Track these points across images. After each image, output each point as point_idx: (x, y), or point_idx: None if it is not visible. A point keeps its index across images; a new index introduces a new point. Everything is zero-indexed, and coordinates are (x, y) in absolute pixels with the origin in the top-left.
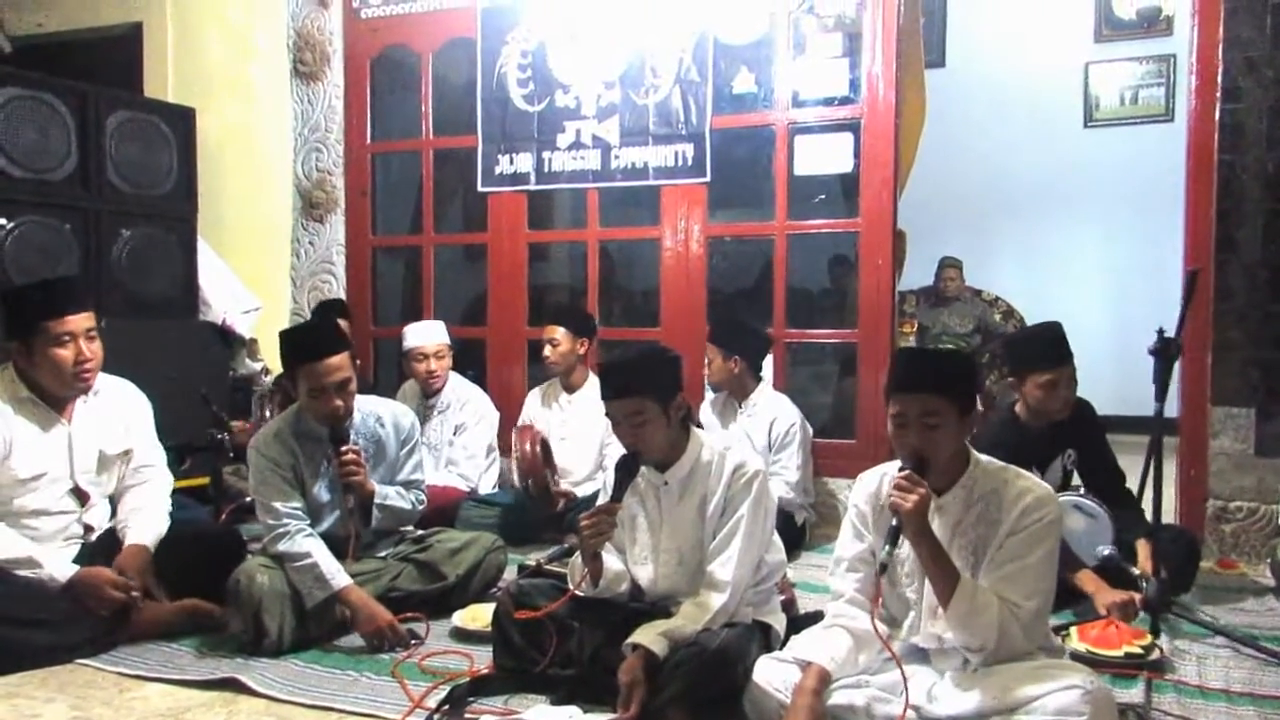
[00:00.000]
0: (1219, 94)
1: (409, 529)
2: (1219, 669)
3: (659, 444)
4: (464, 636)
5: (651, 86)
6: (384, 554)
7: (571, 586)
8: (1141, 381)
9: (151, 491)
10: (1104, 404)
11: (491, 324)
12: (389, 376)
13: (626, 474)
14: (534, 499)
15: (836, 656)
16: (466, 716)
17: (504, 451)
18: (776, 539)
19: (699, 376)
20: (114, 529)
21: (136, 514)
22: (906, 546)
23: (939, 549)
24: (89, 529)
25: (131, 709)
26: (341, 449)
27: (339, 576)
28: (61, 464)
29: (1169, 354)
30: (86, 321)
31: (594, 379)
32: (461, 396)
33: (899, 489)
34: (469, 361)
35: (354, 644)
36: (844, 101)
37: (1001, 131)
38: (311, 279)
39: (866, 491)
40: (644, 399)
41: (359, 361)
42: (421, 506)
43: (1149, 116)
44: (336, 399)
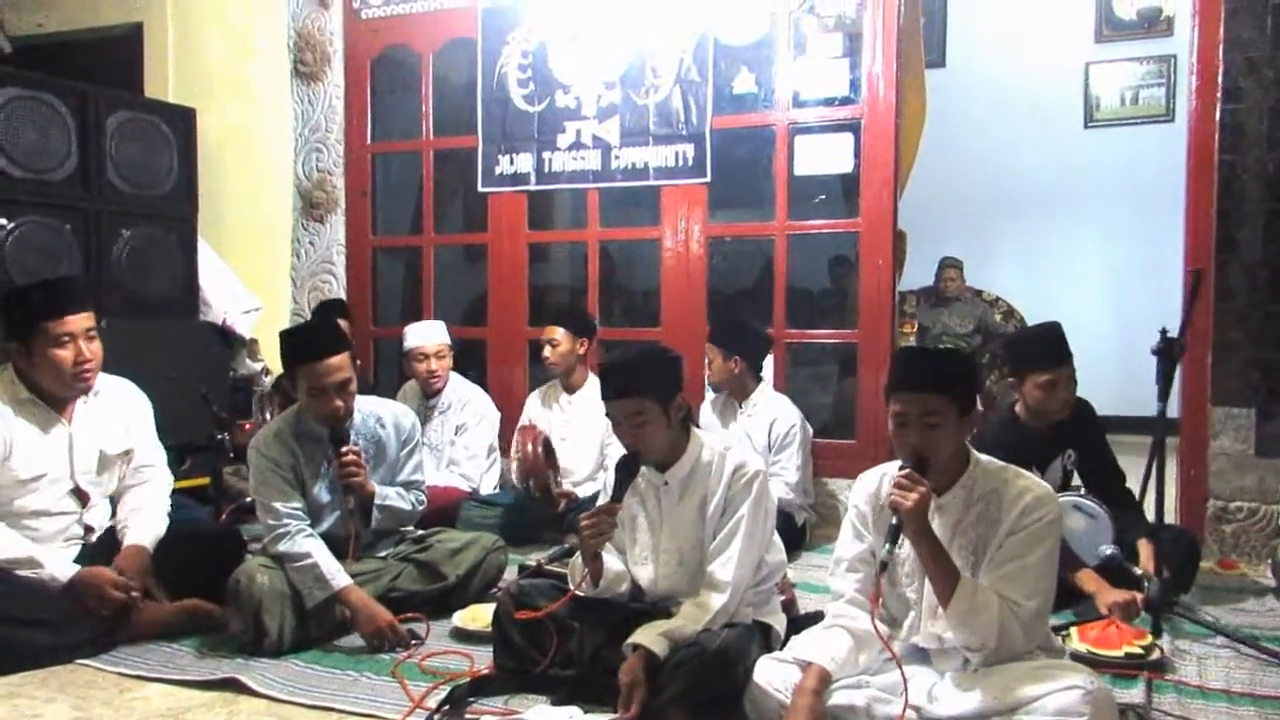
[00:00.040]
0: (1219, 94)
1: (409, 529)
2: (1219, 669)
3: (659, 444)
4: (464, 637)
5: (652, 87)
6: (384, 554)
7: (572, 587)
8: (1142, 382)
9: (151, 492)
10: (1104, 404)
11: (492, 324)
12: (389, 377)
13: (627, 474)
14: (535, 499)
15: (837, 657)
16: (467, 717)
17: (505, 452)
18: (777, 539)
19: (699, 377)
20: (114, 529)
21: (135, 514)
22: (907, 546)
23: (939, 548)
24: (89, 529)
25: (132, 709)
26: (342, 450)
27: (339, 577)
28: (62, 465)
29: (1172, 354)
30: (86, 322)
31: (594, 379)
32: (462, 397)
33: (899, 487)
34: (469, 362)
35: (354, 644)
36: (844, 102)
37: (1002, 132)
38: (312, 279)
39: (866, 492)
40: (644, 399)
41: (359, 362)
42: (422, 507)
43: (1149, 117)
44: (336, 399)
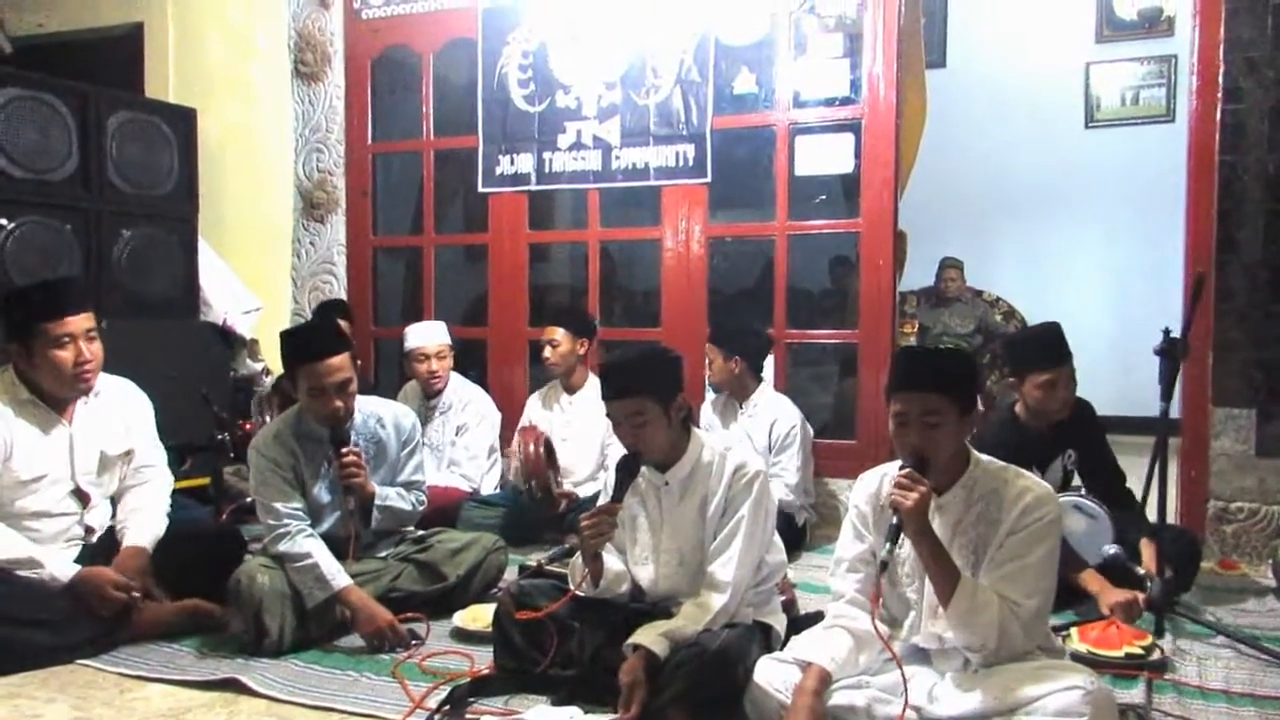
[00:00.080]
0: (1220, 95)
1: (410, 529)
2: (1220, 669)
3: (660, 444)
4: (464, 637)
5: (652, 87)
6: (384, 554)
7: (572, 587)
8: (1142, 382)
9: (151, 492)
10: (1104, 405)
11: (492, 325)
12: (390, 377)
13: (627, 474)
14: (537, 500)
15: (837, 657)
16: (467, 717)
17: (505, 452)
18: (777, 539)
19: (700, 377)
20: (114, 529)
21: (135, 515)
22: (907, 546)
23: (939, 548)
24: (90, 530)
25: (133, 709)
26: (342, 450)
27: (339, 577)
28: (62, 465)
29: (1175, 355)
30: (86, 322)
31: (594, 379)
32: (463, 397)
33: (900, 487)
34: (470, 362)
35: (354, 644)
36: (845, 102)
37: (1002, 132)
38: (312, 279)
39: (867, 492)
40: (645, 399)
41: (360, 362)
42: (422, 507)
43: (1150, 117)
44: (337, 399)
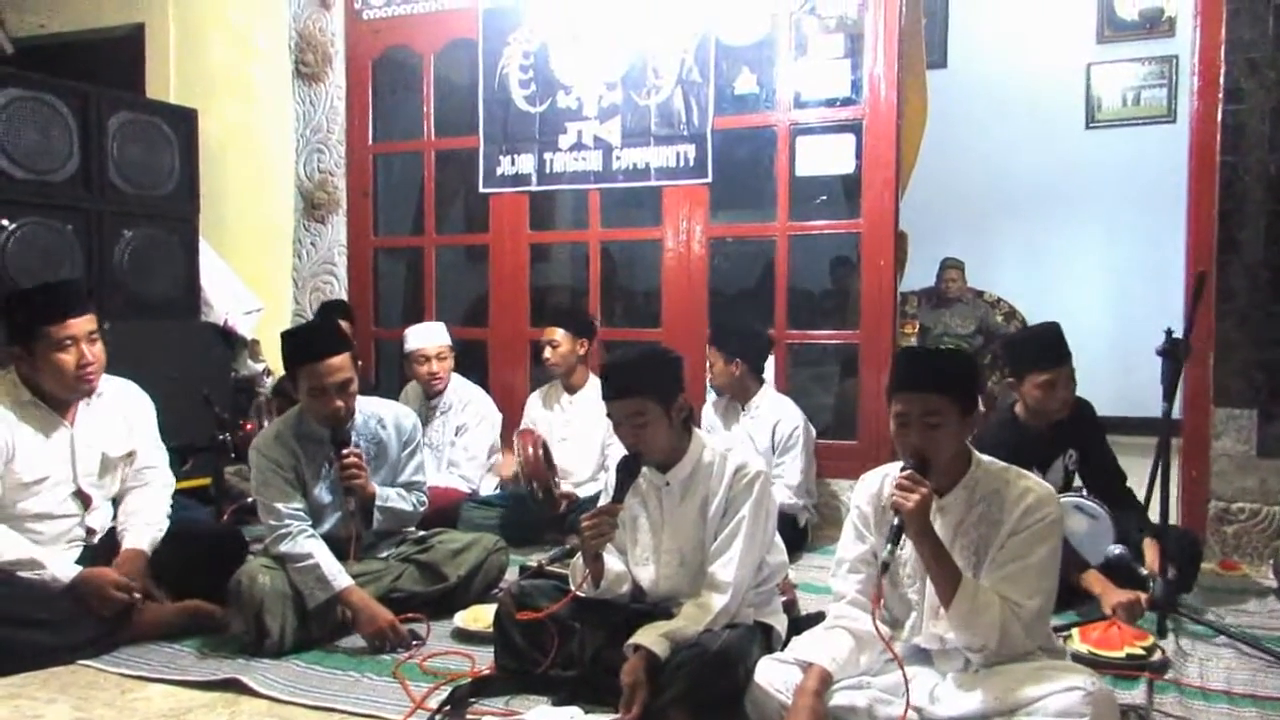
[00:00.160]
0: (1221, 95)
1: (410, 530)
2: (1221, 670)
3: (661, 445)
4: (465, 637)
5: (653, 87)
6: (385, 555)
7: (573, 587)
8: (1143, 383)
9: (151, 494)
10: (1105, 405)
11: (493, 325)
12: (391, 378)
13: (628, 475)
14: (539, 501)
15: (838, 657)
16: (468, 717)
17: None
18: (778, 540)
19: (701, 379)
20: (115, 531)
21: (135, 517)
22: (908, 547)
23: (941, 549)
24: (91, 531)
25: (134, 710)
26: (343, 451)
27: (340, 577)
28: (64, 467)
29: (1178, 355)
30: (88, 324)
31: (595, 380)
32: (463, 398)
33: (901, 488)
34: (470, 362)
35: (355, 645)
36: (846, 102)
37: (1003, 132)
38: (313, 280)
39: (868, 492)
40: (645, 400)
41: (360, 363)
42: (423, 508)
43: (1151, 117)
44: (337, 399)
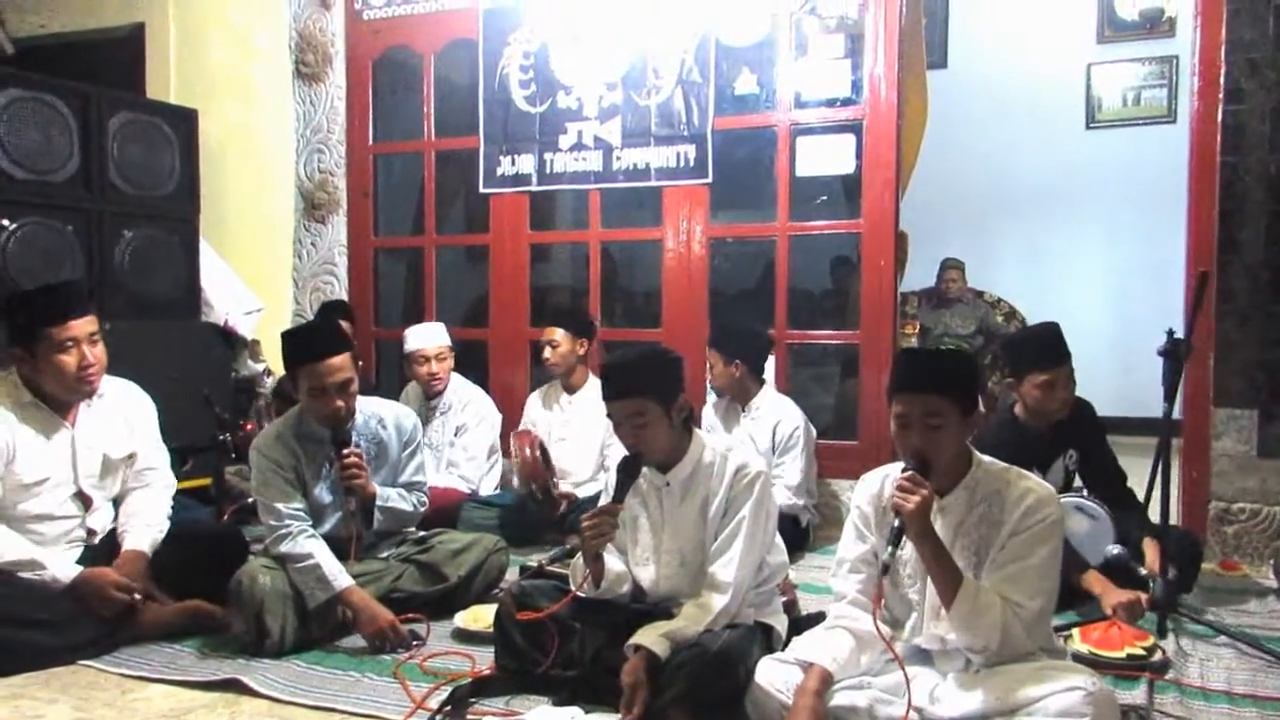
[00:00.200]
0: (1221, 95)
1: (411, 530)
2: (1221, 670)
3: (661, 445)
4: (466, 637)
5: (653, 87)
6: (386, 555)
7: (573, 587)
8: (1143, 383)
9: (152, 495)
10: (1105, 405)
11: (493, 325)
12: (391, 378)
13: (628, 475)
14: (539, 502)
15: (838, 657)
16: (468, 717)
17: (506, 453)
18: (778, 540)
19: (701, 379)
20: (115, 532)
21: (135, 518)
22: (909, 547)
23: (942, 550)
24: (92, 532)
25: (134, 710)
26: (343, 451)
27: (341, 577)
28: (65, 469)
29: (1179, 355)
30: (89, 326)
31: (594, 380)
32: (463, 398)
33: (902, 490)
34: (471, 363)
35: (356, 645)
36: (846, 103)
37: (1003, 133)
38: (313, 280)
39: (869, 493)
40: (646, 400)
41: (361, 363)
42: (423, 508)
43: (1151, 118)
44: (337, 399)
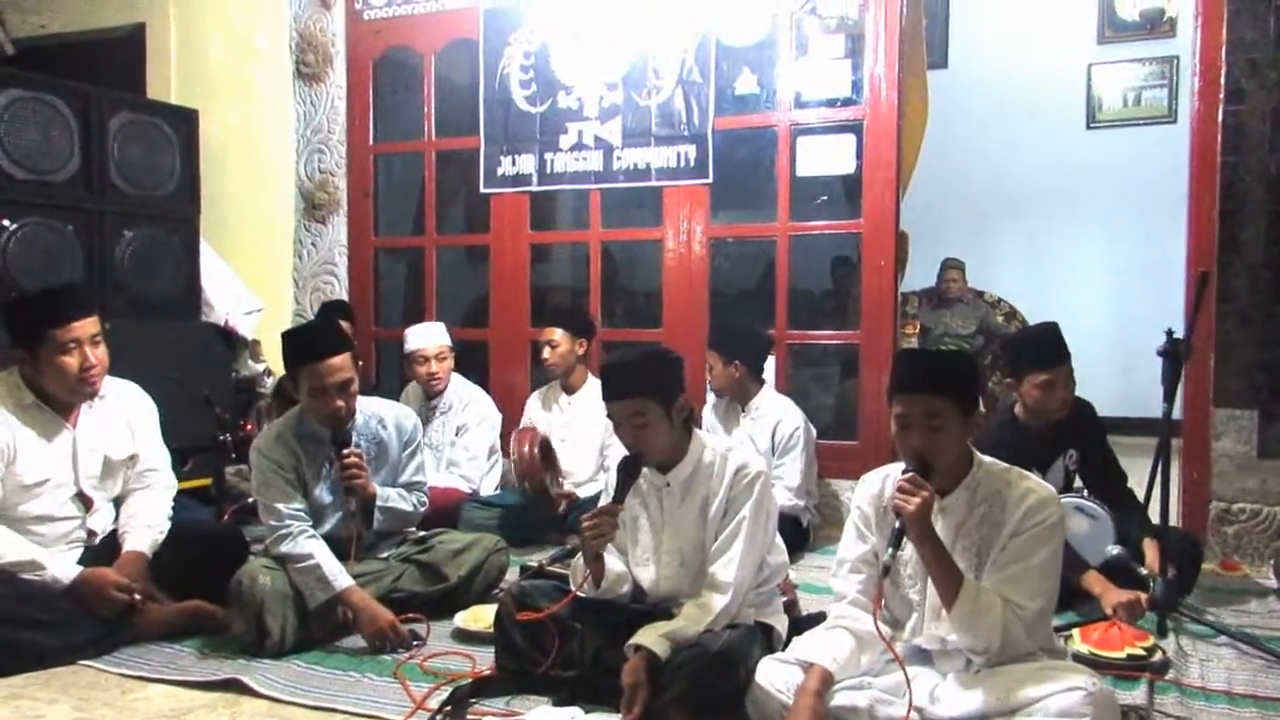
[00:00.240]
0: (1222, 96)
1: (411, 530)
2: (1221, 670)
3: (661, 445)
4: (466, 638)
5: (654, 88)
6: (386, 555)
7: (573, 588)
8: (1143, 383)
9: (153, 496)
10: (1105, 405)
11: (494, 325)
12: (391, 378)
13: (628, 475)
14: (535, 500)
15: (839, 657)
16: (469, 717)
17: (506, 453)
18: (779, 540)
19: (701, 379)
20: (116, 532)
21: (136, 519)
22: (909, 548)
23: (942, 551)
24: (92, 534)
25: (134, 710)
26: (343, 452)
27: (341, 578)
28: (65, 470)
29: (1178, 356)
30: (92, 327)
31: (594, 380)
32: (464, 398)
33: (902, 491)
34: (471, 363)
35: (356, 645)
36: (846, 103)
37: (1004, 133)
38: (314, 280)
39: (869, 493)
40: (646, 400)
41: (361, 363)
42: (423, 509)
43: (1152, 118)
44: (338, 399)
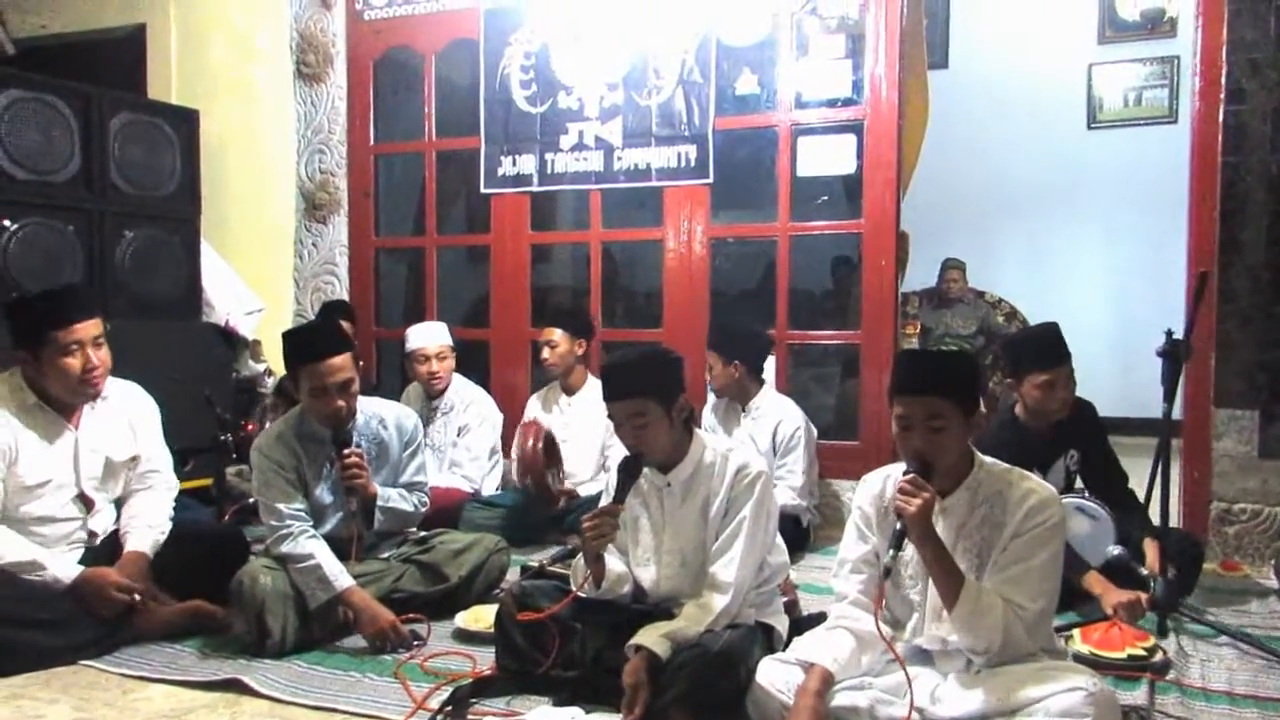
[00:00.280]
0: (1223, 96)
1: (412, 530)
2: (1222, 671)
3: (661, 445)
4: (466, 638)
5: (654, 88)
6: (387, 555)
7: (574, 588)
8: (1144, 384)
9: (154, 497)
10: (1105, 405)
11: (494, 326)
12: (392, 378)
13: (629, 475)
14: (534, 496)
15: (839, 658)
16: (469, 718)
17: (507, 453)
18: (779, 540)
19: (701, 379)
20: (117, 533)
21: (137, 520)
22: (910, 549)
23: (943, 552)
24: (93, 534)
25: (135, 710)
26: (344, 452)
27: (342, 578)
28: (67, 471)
29: (1178, 356)
30: (94, 329)
31: (594, 381)
32: (465, 398)
33: (903, 492)
34: (472, 363)
35: (357, 645)
36: (847, 103)
37: (1004, 133)
38: (314, 280)
39: (870, 493)
40: (646, 400)
41: (362, 363)
42: (424, 509)
43: (1152, 118)
44: (338, 399)
